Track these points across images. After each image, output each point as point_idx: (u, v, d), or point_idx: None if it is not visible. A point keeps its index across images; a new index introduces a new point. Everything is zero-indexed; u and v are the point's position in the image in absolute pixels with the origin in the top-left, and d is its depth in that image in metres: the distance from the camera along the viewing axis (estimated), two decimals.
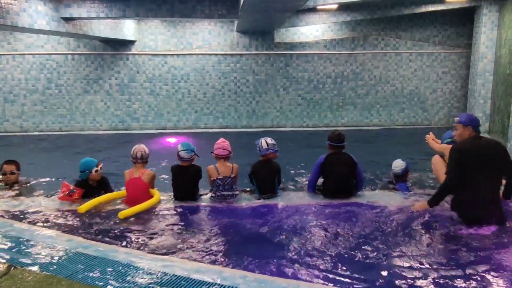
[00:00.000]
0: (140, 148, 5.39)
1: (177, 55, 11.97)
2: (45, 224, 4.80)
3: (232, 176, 5.30)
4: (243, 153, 7.43)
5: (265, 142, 5.38)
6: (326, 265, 3.84)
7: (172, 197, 5.49)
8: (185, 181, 5.35)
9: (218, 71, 12.09)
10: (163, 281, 3.27)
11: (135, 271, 3.45)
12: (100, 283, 3.23)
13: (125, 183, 5.33)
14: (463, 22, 11.99)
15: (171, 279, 3.32)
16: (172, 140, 10.68)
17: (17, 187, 6.09)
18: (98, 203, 5.27)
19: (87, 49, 11.75)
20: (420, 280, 3.55)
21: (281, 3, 6.97)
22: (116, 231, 4.64)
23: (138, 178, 5.29)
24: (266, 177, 5.49)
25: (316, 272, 3.70)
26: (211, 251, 4.12)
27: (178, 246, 4.21)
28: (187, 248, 4.18)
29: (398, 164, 5.83)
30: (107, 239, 4.39)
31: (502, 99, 9.96)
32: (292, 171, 6.85)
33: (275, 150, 5.42)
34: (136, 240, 4.40)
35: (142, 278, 3.33)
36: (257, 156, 5.70)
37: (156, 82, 12.07)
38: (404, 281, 3.55)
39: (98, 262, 3.63)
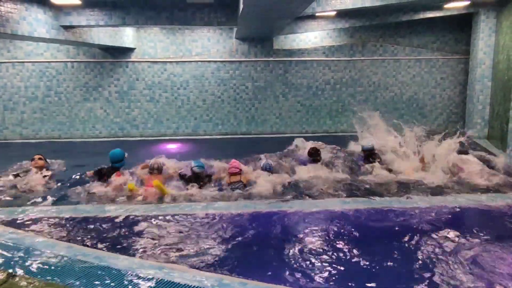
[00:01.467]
0: (157, 161, 6.90)
1: (176, 62, 12.00)
2: (44, 232, 4.80)
3: (241, 181, 6.61)
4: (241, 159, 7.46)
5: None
6: (329, 273, 3.82)
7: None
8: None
9: (217, 78, 12.13)
10: None
11: (134, 278, 3.44)
12: None
13: (146, 179, 6.65)
14: (461, 28, 12.05)
15: (171, 286, 3.31)
16: (172, 146, 10.69)
17: (45, 173, 7.04)
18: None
19: (86, 57, 11.79)
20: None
21: (279, 11, 7.00)
22: (115, 238, 4.63)
23: (158, 175, 6.72)
24: None
25: (318, 280, 3.68)
26: (212, 259, 4.11)
27: (178, 253, 4.20)
28: (187, 255, 4.17)
29: (368, 141, 7.73)
30: (107, 246, 4.39)
31: (500, 105, 9.99)
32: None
33: None
34: (136, 247, 4.39)
35: (142, 285, 3.32)
36: None
37: (156, 89, 12.09)
38: None
39: (98, 269, 3.63)
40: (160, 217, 5.25)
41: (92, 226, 4.95)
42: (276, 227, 4.98)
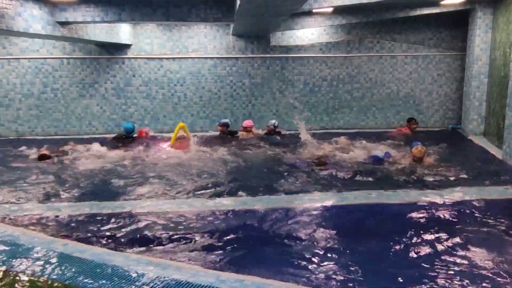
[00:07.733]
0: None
1: (173, 58, 11.97)
2: (41, 229, 4.79)
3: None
4: None
5: None
6: (328, 270, 3.83)
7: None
8: None
9: (214, 75, 12.10)
10: (159, 285, 3.26)
11: (131, 275, 3.44)
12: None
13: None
14: (457, 25, 12.05)
15: (168, 283, 3.31)
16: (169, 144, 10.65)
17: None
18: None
19: (82, 53, 11.74)
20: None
21: (276, 8, 6.98)
22: (112, 235, 4.63)
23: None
24: None
25: (317, 277, 3.69)
26: (209, 255, 4.11)
27: (175, 250, 4.20)
28: (184, 252, 4.17)
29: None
30: (103, 243, 4.38)
31: (497, 101, 10.01)
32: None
33: None
34: (133, 243, 4.39)
35: (139, 282, 3.32)
36: None
37: (152, 86, 12.06)
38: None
39: (94, 266, 3.62)
40: (156, 213, 5.25)
41: (87, 223, 4.93)
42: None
